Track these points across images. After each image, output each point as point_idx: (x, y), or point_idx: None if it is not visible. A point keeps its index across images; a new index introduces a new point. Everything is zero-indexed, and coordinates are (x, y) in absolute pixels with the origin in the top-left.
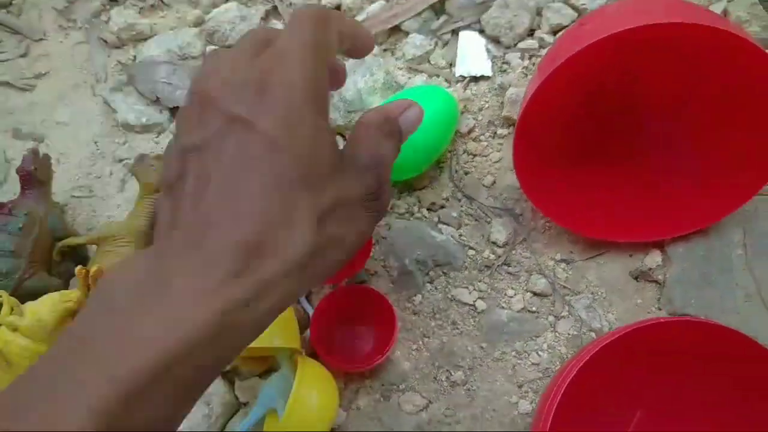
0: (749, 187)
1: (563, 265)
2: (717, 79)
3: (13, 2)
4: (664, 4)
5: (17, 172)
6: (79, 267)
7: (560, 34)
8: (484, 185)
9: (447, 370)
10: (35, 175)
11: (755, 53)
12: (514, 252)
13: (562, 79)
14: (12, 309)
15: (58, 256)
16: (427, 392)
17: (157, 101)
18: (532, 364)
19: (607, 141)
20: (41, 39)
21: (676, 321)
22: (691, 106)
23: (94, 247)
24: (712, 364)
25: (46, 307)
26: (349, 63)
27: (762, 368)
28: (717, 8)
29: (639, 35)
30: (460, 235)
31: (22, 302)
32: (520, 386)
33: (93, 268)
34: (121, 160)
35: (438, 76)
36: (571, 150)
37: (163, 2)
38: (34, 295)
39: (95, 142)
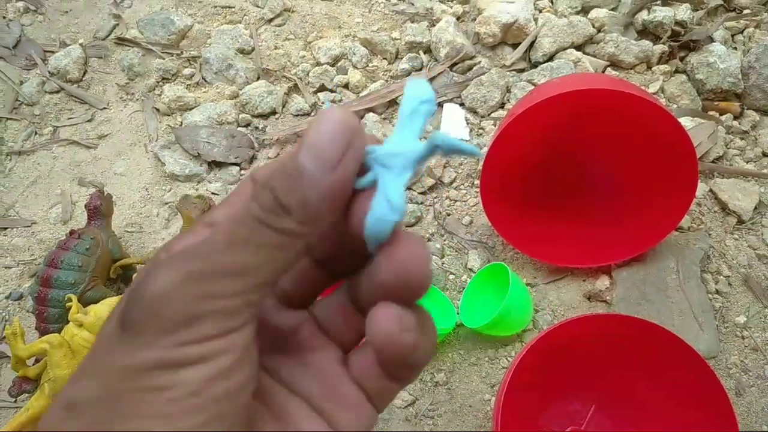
0: (670, 222)
1: (529, 287)
2: (638, 135)
3: (84, 78)
4: (598, 78)
5: (86, 206)
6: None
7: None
8: (463, 224)
9: (431, 373)
10: (100, 209)
11: (664, 115)
12: None
13: (516, 130)
14: (78, 309)
15: (114, 274)
16: (413, 391)
17: (198, 156)
18: (502, 367)
19: (558, 184)
20: (104, 108)
21: (601, 316)
22: (621, 156)
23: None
24: (640, 358)
25: (106, 308)
26: None
27: (676, 354)
28: (655, 86)
29: (575, 98)
30: (443, 263)
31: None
32: (492, 386)
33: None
34: (166, 203)
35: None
36: (531, 193)
37: (205, 80)
38: (93, 303)
39: (146, 189)
